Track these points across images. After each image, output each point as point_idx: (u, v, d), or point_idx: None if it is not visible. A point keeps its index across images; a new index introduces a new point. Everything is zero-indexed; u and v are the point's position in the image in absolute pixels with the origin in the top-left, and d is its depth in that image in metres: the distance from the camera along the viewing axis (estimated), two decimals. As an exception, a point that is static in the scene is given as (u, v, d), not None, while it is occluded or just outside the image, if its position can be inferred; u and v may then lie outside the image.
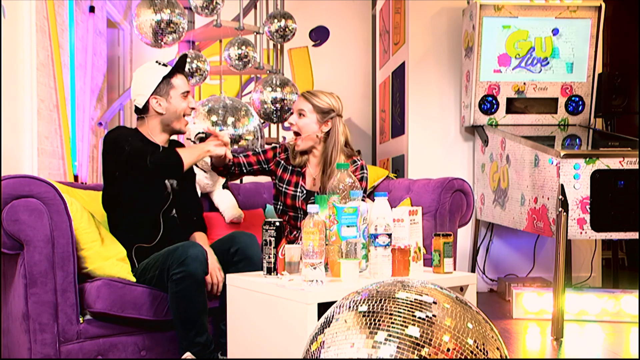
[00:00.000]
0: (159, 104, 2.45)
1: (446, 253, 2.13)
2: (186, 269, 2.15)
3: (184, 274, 2.15)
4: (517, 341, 2.93)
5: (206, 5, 3.71)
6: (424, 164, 4.22)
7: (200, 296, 2.20)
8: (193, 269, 2.16)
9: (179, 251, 2.19)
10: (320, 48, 6.16)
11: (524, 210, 3.35)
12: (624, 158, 2.98)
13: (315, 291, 1.79)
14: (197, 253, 2.18)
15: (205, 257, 2.22)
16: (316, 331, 1.31)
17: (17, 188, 2.05)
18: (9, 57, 3.29)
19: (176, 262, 2.17)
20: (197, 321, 2.19)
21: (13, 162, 3.33)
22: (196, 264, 2.16)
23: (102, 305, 2.18)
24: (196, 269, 2.16)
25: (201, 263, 2.18)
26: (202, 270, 2.19)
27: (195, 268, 2.16)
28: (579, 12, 3.84)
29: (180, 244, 2.24)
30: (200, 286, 2.19)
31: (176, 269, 2.16)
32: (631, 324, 3.17)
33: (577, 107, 3.98)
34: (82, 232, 2.28)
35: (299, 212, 2.57)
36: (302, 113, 2.55)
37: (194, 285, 2.17)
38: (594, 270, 4.28)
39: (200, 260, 2.18)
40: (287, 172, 2.63)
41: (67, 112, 4.18)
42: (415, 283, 1.33)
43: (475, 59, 3.87)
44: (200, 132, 3.13)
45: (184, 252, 2.18)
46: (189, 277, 2.16)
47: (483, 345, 1.21)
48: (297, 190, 2.58)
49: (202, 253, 2.20)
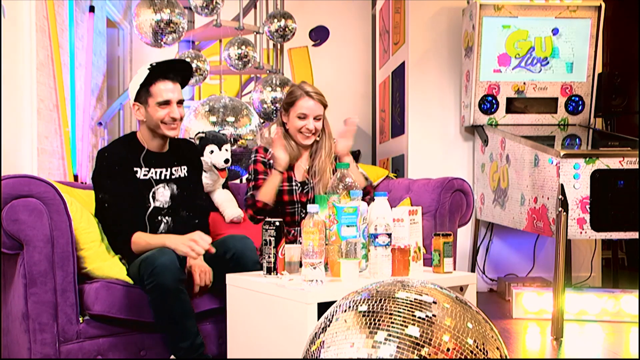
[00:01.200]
0: (139, 112, 2.38)
1: (446, 253, 2.13)
2: (155, 279, 2.11)
3: (153, 284, 2.11)
4: (517, 341, 2.93)
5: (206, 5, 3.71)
6: (424, 163, 4.22)
7: (176, 303, 2.14)
8: (162, 280, 2.10)
9: (149, 260, 2.14)
10: (320, 48, 6.16)
11: (523, 210, 3.35)
12: (623, 158, 2.98)
13: (315, 291, 1.79)
14: (166, 261, 2.12)
15: (175, 262, 2.15)
16: (316, 331, 1.31)
17: (17, 188, 2.05)
18: (9, 57, 3.29)
19: (147, 272, 2.13)
20: (177, 327, 2.16)
21: (13, 162, 3.33)
22: (165, 274, 2.10)
23: (101, 307, 2.17)
24: (165, 279, 2.10)
25: (171, 272, 2.12)
26: (173, 278, 2.12)
27: (164, 278, 2.10)
28: (579, 12, 3.84)
29: (151, 252, 2.18)
30: (172, 294, 2.13)
31: (147, 279, 2.12)
32: (631, 323, 3.17)
33: (577, 107, 3.98)
34: (82, 232, 2.28)
35: (296, 205, 2.58)
36: (319, 118, 2.59)
37: (165, 294, 2.12)
38: (594, 270, 4.28)
39: (169, 269, 2.12)
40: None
41: (67, 112, 4.18)
42: (415, 283, 1.33)
43: (475, 59, 3.87)
44: (200, 132, 3.13)
45: (153, 262, 2.12)
46: (158, 288, 2.11)
47: (483, 345, 1.21)
48: (293, 184, 2.59)
49: (171, 261, 2.13)
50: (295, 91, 2.59)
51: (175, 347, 2.18)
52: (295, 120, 2.57)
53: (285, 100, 2.63)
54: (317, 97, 2.58)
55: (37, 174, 3.53)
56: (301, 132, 2.57)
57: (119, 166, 2.36)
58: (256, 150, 2.65)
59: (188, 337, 2.18)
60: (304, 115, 2.55)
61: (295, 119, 2.57)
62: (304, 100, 2.56)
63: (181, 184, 2.51)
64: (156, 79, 2.35)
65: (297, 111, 2.56)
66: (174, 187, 2.48)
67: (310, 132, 2.58)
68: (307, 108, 2.56)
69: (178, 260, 2.18)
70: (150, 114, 2.36)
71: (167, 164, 2.48)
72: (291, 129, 2.60)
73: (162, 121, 2.35)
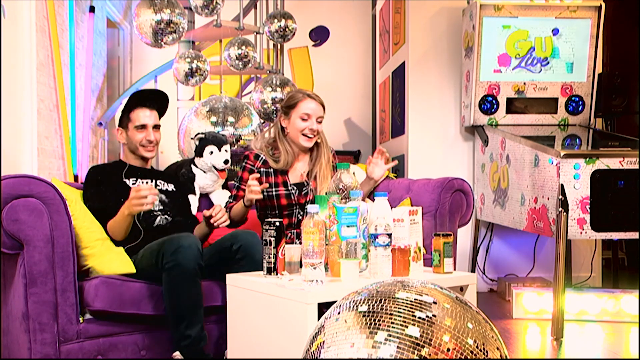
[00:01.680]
0: (122, 135, 2.61)
1: (446, 253, 2.13)
2: (177, 259, 2.15)
3: (174, 263, 2.16)
4: (517, 341, 2.93)
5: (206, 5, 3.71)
6: (424, 163, 4.22)
7: (193, 288, 2.19)
8: (185, 260, 2.16)
9: (174, 241, 2.20)
10: (320, 48, 6.16)
11: (524, 210, 3.35)
12: (624, 158, 2.98)
13: (315, 291, 1.79)
14: (191, 243, 2.19)
15: (198, 246, 2.22)
16: (316, 331, 1.31)
17: (17, 188, 2.05)
18: (9, 57, 3.29)
19: (169, 251, 2.18)
20: (188, 313, 2.18)
21: (13, 162, 3.33)
22: (189, 255, 2.16)
23: (101, 303, 2.18)
24: (188, 259, 2.16)
25: (194, 254, 2.18)
26: (195, 261, 2.18)
27: (187, 258, 2.16)
28: (579, 12, 3.84)
29: (176, 235, 2.26)
30: (191, 278, 2.18)
31: (168, 258, 2.17)
32: (631, 323, 3.17)
33: (577, 107, 3.98)
34: (85, 231, 2.29)
35: (294, 207, 2.60)
36: (320, 120, 2.64)
37: (184, 275, 2.16)
38: (594, 270, 4.28)
39: (193, 251, 2.18)
40: (270, 175, 2.64)
41: (67, 112, 4.18)
42: (415, 283, 1.33)
43: (475, 59, 3.87)
44: (200, 133, 3.13)
45: (177, 242, 2.19)
46: (179, 267, 2.16)
47: (483, 345, 1.21)
48: (289, 188, 2.60)
49: (195, 244, 2.21)
50: (296, 95, 2.64)
51: (182, 335, 2.18)
52: (298, 121, 2.59)
53: (285, 104, 2.65)
54: (318, 99, 2.64)
55: (37, 174, 3.53)
56: (304, 134, 2.60)
57: (101, 176, 2.52)
58: (246, 157, 2.68)
59: (196, 326, 2.19)
60: (307, 116, 2.59)
61: (298, 121, 2.59)
62: (307, 101, 2.60)
63: (169, 195, 2.61)
64: (135, 106, 2.59)
65: (299, 112, 2.59)
66: (162, 196, 2.58)
67: (313, 132, 2.61)
68: (310, 109, 2.60)
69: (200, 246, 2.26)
70: (130, 137, 2.59)
71: (153, 177, 2.63)
72: (292, 132, 2.62)
73: (140, 144, 2.57)
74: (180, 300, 2.18)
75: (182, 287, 2.17)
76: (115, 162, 2.73)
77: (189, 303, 2.19)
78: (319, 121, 2.63)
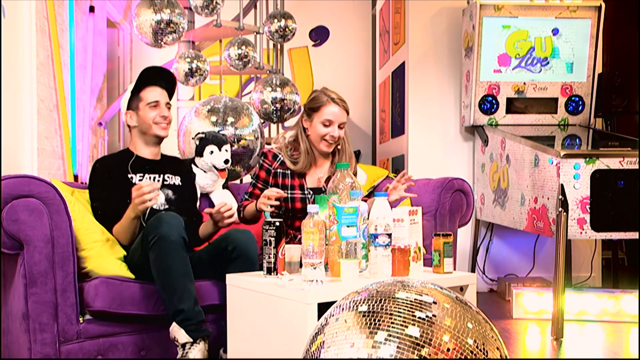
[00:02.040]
0: (131, 118, 2.56)
1: (446, 253, 2.13)
2: (160, 231, 2.15)
3: (158, 236, 2.15)
4: (517, 341, 2.93)
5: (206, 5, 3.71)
6: (424, 164, 4.22)
7: (179, 259, 2.17)
8: (168, 231, 2.15)
9: (155, 219, 2.21)
10: (320, 48, 6.16)
11: (524, 210, 3.35)
12: (624, 158, 2.98)
13: (315, 291, 1.79)
14: (171, 218, 2.19)
15: (181, 222, 2.21)
16: (316, 331, 1.31)
17: (17, 188, 2.05)
18: (9, 57, 3.29)
19: (152, 227, 2.18)
20: (178, 286, 2.15)
21: (13, 162, 3.33)
22: (170, 227, 2.16)
23: (101, 303, 2.18)
24: (169, 230, 2.15)
25: (176, 226, 2.17)
26: (178, 233, 2.17)
27: (169, 229, 2.15)
28: (579, 12, 3.84)
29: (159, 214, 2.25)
30: (176, 248, 2.16)
31: (152, 234, 2.16)
32: (631, 324, 3.17)
33: (577, 107, 3.98)
34: (83, 233, 2.29)
35: None
36: (343, 125, 2.57)
37: (170, 246, 2.15)
38: (594, 270, 4.28)
39: (174, 223, 2.17)
40: (287, 177, 2.60)
41: (67, 112, 4.18)
42: (415, 283, 1.33)
43: (475, 59, 3.87)
44: (200, 132, 3.13)
45: (159, 217, 2.20)
46: (163, 239, 2.14)
47: (483, 345, 1.21)
48: (305, 192, 2.57)
49: (176, 218, 2.20)
50: (320, 97, 2.54)
51: (175, 309, 2.16)
52: (319, 126, 2.52)
53: (308, 105, 2.57)
54: (342, 104, 2.54)
55: (37, 174, 3.53)
56: (324, 140, 2.53)
57: (107, 174, 2.47)
58: (265, 155, 2.63)
59: (188, 300, 2.16)
60: (329, 122, 2.51)
61: (319, 125, 2.52)
62: (330, 106, 2.52)
63: (176, 190, 2.58)
64: (145, 85, 2.56)
65: (322, 117, 2.51)
66: (169, 192, 2.55)
67: (334, 139, 2.54)
68: (332, 114, 2.51)
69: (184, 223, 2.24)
70: (142, 117, 2.54)
71: (160, 171, 2.59)
72: (313, 135, 2.56)
73: (153, 121, 2.52)
74: (168, 273, 2.16)
75: (169, 259, 2.15)
76: (121, 151, 2.67)
77: (178, 275, 2.16)
78: (341, 127, 2.55)
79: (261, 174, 2.61)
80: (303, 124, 2.60)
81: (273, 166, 2.60)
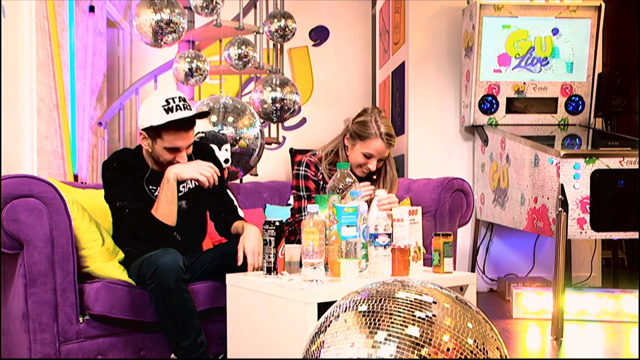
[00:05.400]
0: (146, 142, 2.31)
1: (446, 253, 2.13)
2: (156, 280, 2.10)
3: (155, 284, 2.11)
4: (517, 341, 2.93)
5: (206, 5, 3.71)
6: (424, 163, 4.22)
7: (179, 303, 2.14)
8: (163, 280, 2.10)
9: (152, 260, 2.14)
10: (320, 48, 6.16)
11: (523, 210, 3.35)
12: (623, 158, 2.98)
13: (315, 291, 1.79)
14: (169, 261, 2.11)
15: (179, 264, 2.12)
16: (316, 331, 1.31)
17: (17, 188, 2.05)
18: (9, 57, 3.29)
19: (149, 272, 2.13)
20: (179, 326, 2.16)
21: (13, 162, 3.33)
22: (167, 274, 2.10)
23: (101, 307, 2.17)
24: (168, 279, 2.10)
25: (173, 272, 2.10)
26: (175, 278, 2.11)
27: (166, 279, 2.10)
28: (579, 11, 3.84)
29: (154, 252, 2.16)
30: (175, 294, 2.13)
31: (149, 279, 2.13)
32: (631, 323, 3.17)
33: (577, 107, 3.98)
34: (83, 232, 2.28)
35: None
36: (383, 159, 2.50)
37: (167, 295, 2.12)
38: (594, 270, 4.28)
39: (172, 269, 2.11)
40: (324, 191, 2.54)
41: (67, 112, 4.18)
42: (415, 283, 1.33)
43: (475, 59, 3.87)
44: (200, 132, 3.13)
45: (155, 262, 2.12)
46: (160, 288, 2.11)
47: (483, 345, 1.21)
48: None
49: (174, 261, 2.12)
50: (371, 127, 2.43)
51: (177, 345, 2.18)
52: (359, 155, 2.46)
53: (356, 129, 2.46)
54: (389, 142, 2.44)
55: (37, 174, 3.53)
56: (360, 167, 2.49)
57: (130, 176, 2.34)
58: (307, 165, 2.52)
59: (190, 336, 2.17)
60: (370, 155, 2.45)
61: (359, 154, 2.46)
62: (376, 142, 2.43)
63: (191, 197, 2.45)
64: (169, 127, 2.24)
65: (365, 149, 2.44)
66: (182, 202, 2.41)
67: (370, 170, 2.49)
68: (376, 150, 2.44)
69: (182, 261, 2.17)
70: (156, 152, 2.31)
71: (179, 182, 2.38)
72: (351, 158, 2.49)
73: (168, 161, 2.31)
74: (169, 317, 2.15)
75: (168, 305, 2.14)
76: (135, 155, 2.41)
77: (178, 317, 2.16)
78: (381, 160, 2.48)
79: (310, 185, 2.51)
80: (345, 141, 2.53)
81: (318, 177, 2.53)
